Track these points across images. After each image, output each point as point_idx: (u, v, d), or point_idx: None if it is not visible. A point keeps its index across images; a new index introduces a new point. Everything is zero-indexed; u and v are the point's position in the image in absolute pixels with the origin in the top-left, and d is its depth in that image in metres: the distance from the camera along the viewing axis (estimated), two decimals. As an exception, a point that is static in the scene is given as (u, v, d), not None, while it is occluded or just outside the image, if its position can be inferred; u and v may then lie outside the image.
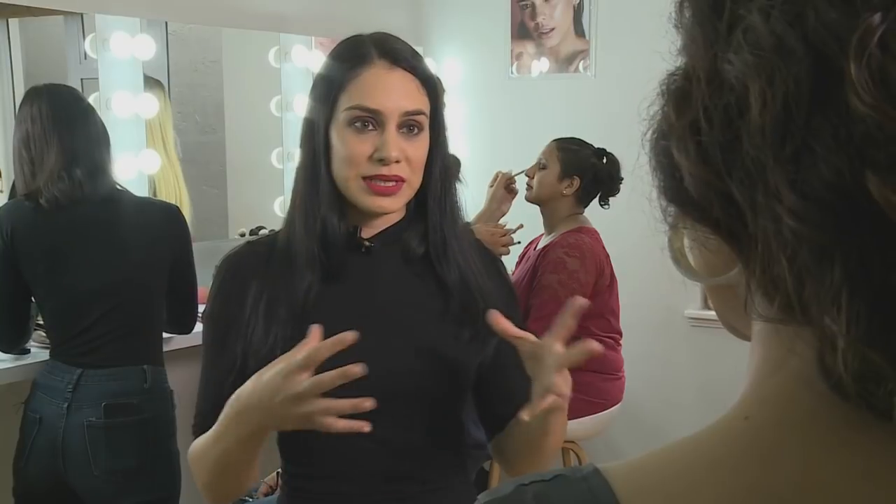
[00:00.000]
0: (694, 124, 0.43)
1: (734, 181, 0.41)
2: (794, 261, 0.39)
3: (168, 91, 3.18)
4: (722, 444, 0.46)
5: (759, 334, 0.47)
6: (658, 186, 0.47)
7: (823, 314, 0.39)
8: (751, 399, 0.47)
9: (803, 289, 0.40)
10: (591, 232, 2.95)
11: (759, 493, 0.43)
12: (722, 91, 0.41)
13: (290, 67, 3.61)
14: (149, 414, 2.23)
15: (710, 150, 0.42)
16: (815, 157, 0.38)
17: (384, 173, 1.34)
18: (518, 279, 2.96)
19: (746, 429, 0.46)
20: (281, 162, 3.71)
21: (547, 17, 3.94)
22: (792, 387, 0.44)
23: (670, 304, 3.69)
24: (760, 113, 0.39)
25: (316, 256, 1.37)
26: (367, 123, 1.35)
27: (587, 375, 2.92)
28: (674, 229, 0.49)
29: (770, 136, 0.39)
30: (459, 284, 1.42)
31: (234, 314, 1.39)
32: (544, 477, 0.48)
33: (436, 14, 4.22)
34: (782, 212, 0.39)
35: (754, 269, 0.42)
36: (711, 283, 0.50)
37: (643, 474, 0.47)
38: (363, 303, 1.41)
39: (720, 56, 0.41)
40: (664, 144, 0.45)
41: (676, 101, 0.44)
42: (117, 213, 2.25)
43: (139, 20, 3.01)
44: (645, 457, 0.48)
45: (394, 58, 1.37)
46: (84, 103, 2.33)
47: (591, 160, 2.95)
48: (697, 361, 3.68)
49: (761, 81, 0.39)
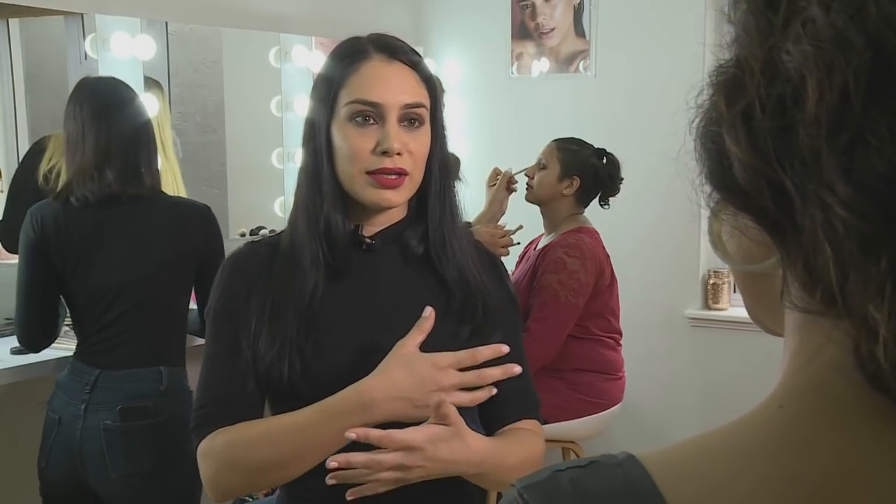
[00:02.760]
0: (746, 113, 0.43)
1: (786, 169, 0.42)
2: (840, 251, 0.40)
3: (168, 91, 3.18)
4: (757, 432, 0.46)
5: (794, 325, 0.48)
6: (704, 173, 0.48)
7: (867, 303, 0.39)
8: (785, 388, 0.47)
9: (847, 280, 0.40)
10: (591, 232, 2.94)
11: (795, 482, 0.44)
12: (776, 81, 0.42)
13: (291, 68, 3.61)
14: (165, 416, 2.20)
15: (762, 138, 0.42)
16: (869, 149, 0.38)
17: (387, 166, 1.35)
18: (518, 279, 2.96)
19: (781, 417, 0.46)
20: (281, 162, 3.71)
21: (547, 18, 3.94)
22: (826, 376, 0.45)
23: (671, 304, 3.69)
24: (817, 103, 0.40)
25: (320, 255, 1.38)
26: (368, 118, 1.36)
27: (587, 375, 2.92)
28: (715, 216, 0.49)
29: (826, 126, 0.40)
30: (459, 282, 1.43)
31: (239, 316, 1.39)
32: (580, 463, 0.49)
33: (436, 14, 4.22)
34: (833, 201, 0.39)
35: (795, 258, 0.43)
36: (748, 271, 0.50)
37: (679, 462, 0.48)
38: (367, 300, 1.41)
39: (776, 47, 0.42)
40: (714, 131, 0.46)
41: (728, 91, 0.45)
42: (144, 213, 2.23)
43: (139, 20, 3.01)
44: (679, 445, 0.49)
45: (391, 52, 1.38)
46: (122, 97, 2.29)
47: (592, 160, 2.95)
48: (698, 361, 3.68)
49: (820, 72, 0.40)
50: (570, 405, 2.89)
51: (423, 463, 1.24)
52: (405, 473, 1.25)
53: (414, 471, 1.25)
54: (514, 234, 2.88)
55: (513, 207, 3.03)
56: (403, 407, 1.28)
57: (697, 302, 3.69)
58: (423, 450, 1.24)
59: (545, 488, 0.48)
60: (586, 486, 0.47)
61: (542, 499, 0.48)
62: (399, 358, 1.29)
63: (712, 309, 3.66)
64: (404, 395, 1.27)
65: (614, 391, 2.98)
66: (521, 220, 2.98)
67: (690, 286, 3.70)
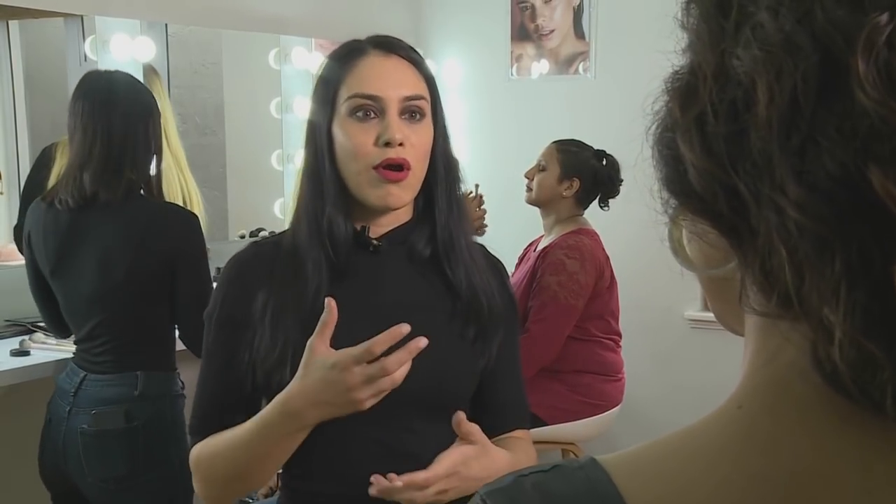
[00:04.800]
0: (699, 118, 0.44)
1: (739, 173, 0.42)
2: (795, 253, 0.40)
3: (168, 92, 3.18)
4: (718, 433, 0.47)
5: (753, 327, 0.48)
6: (660, 179, 0.48)
7: (822, 305, 0.40)
8: (744, 389, 0.48)
9: (802, 282, 0.40)
10: (590, 233, 2.95)
11: (758, 480, 0.44)
12: (728, 86, 0.42)
13: (290, 69, 3.62)
14: (139, 422, 2.16)
15: (715, 143, 0.43)
16: (820, 150, 0.39)
17: (391, 157, 1.34)
18: (518, 281, 2.96)
19: (741, 417, 0.47)
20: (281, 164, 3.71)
21: (547, 19, 3.95)
22: (784, 377, 0.45)
23: (670, 305, 3.69)
24: (767, 106, 0.40)
25: (323, 257, 1.37)
26: (368, 112, 1.35)
27: (587, 377, 2.92)
28: (674, 221, 0.50)
29: (777, 129, 0.40)
30: (466, 283, 1.43)
31: (239, 321, 1.38)
32: (543, 468, 0.49)
33: (436, 16, 4.22)
34: (786, 204, 0.40)
35: (752, 262, 0.43)
36: (708, 275, 0.50)
37: (641, 464, 0.48)
38: (372, 302, 1.40)
39: (728, 52, 0.42)
40: (669, 137, 0.46)
41: (682, 97, 0.45)
42: (116, 219, 2.15)
43: (139, 22, 3.01)
44: (641, 447, 0.49)
45: (388, 47, 1.39)
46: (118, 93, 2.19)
47: (591, 162, 2.95)
48: (697, 363, 3.68)
49: (769, 76, 0.40)
50: (569, 407, 2.89)
51: (458, 483, 1.27)
52: (443, 496, 1.27)
53: (450, 492, 1.27)
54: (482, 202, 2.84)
55: (513, 208, 3.03)
56: (328, 411, 1.26)
57: (697, 303, 3.69)
58: (458, 473, 1.27)
59: (509, 493, 0.49)
60: (549, 490, 0.48)
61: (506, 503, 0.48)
62: (309, 365, 1.25)
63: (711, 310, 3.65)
64: (321, 399, 1.24)
65: (614, 393, 2.98)
66: (520, 222, 2.98)
67: (690, 288, 3.66)
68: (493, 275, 1.49)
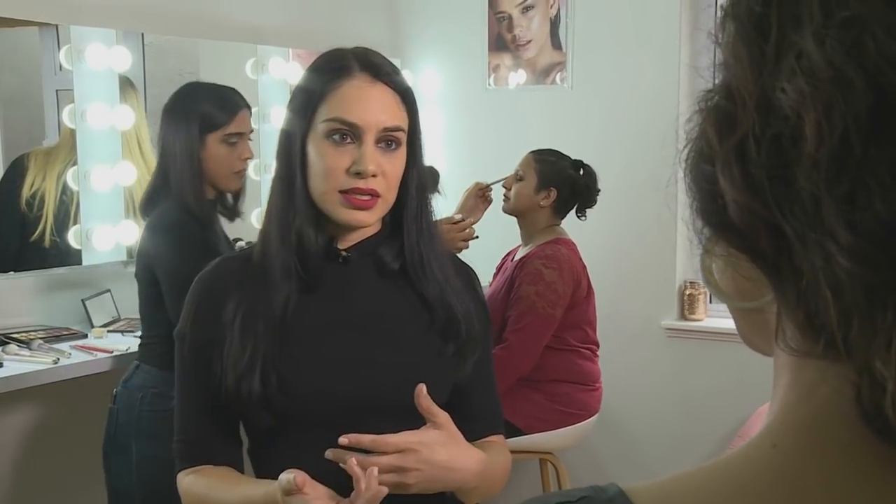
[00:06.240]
0: (739, 149, 0.41)
1: (784, 214, 0.40)
2: (843, 299, 0.38)
3: (144, 101, 3.17)
4: (749, 470, 0.45)
5: (787, 362, 0.46)
6: (696, 209, 0.46)
7: (873, 357, 0.38)
8: (778, 426, 0.46)
9: (850, 328, 0.39)
10: (568, 243, 2.95)
11: None
12: (772, 118, 0.40)
13: (268, 79, 3.60)
14: (119, 406, 2.35)
15: (759, 179, 0.41)
16: (871, 195, 0.37)
17: (360, 187, 1.34)
18: (495, 291, 2.96)
19: (774, 456, 0.45)
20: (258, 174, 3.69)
21: (524, 30, 3.96)
22: (822, 417, 0.44)
23: (647, 314, 3.71)
24: (817, 148, 0.38)
25: (292, 268, 1.37)
26: (345, 136, 1.34)
27: (564, 386, 2.93)
28: (707, 251, 0.47)
29: (826, 172, 0.38)
30: (441, 301, 1.42)
31: (209, 338, 1.38)
32: (570, 498, 0.48)
33: (413, 26, 4.23)
34: (835, 250, 0.38)
35: (793, 302, 0.41)
36: (741, 307, 0.49)
37: (670, 498, 0.47)
38: (342, 313, 1.40)
39: (770, 82, 0.40)
40: (706, 169, 0.44)
41: (719, 124, 0.43)
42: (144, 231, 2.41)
43: (115, 32, 3.00)
44: (671, 479, 0.48)
45: (375, 72, 1.37)
46: (167, 119, 2.40)
47: (568, 172, 2.96)
48: (674, 372, 3.69)
49: (818, 113, 0.38)
50: (547, 416, 2.90)
51: (419, 466, 1.25)
52: (403, 477, 1.24)
53: (411, 474, 1.25)
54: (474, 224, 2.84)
55: (491, 218, 3.03)
56: None
57: (674, 313, 3.71)
58: (418, 451, 1.25)
59: None
60: None
61: None
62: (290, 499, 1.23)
63: (689, 320, 3.68)
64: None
65: (591, 402, 2.99)
66: (498, 231, 2.98)
67: (667, 297, 3.71)
68: (467, 286, 1.49)
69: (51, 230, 2.86)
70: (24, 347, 2.52)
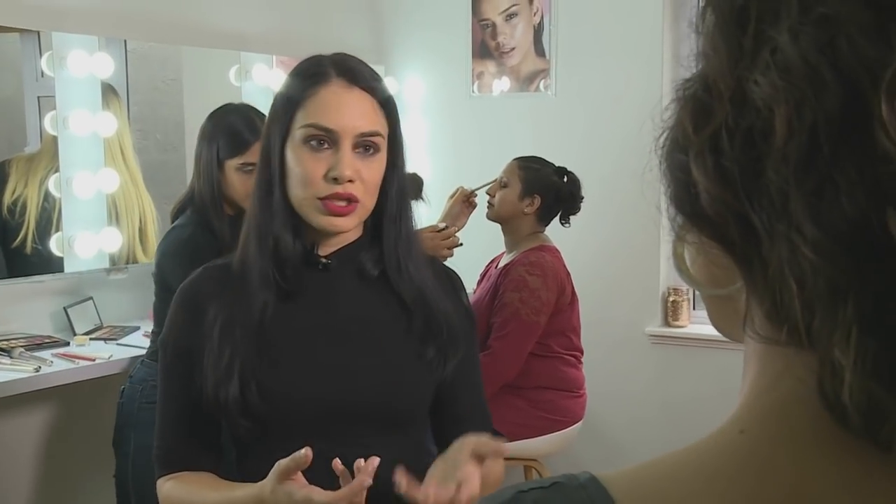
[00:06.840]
0: (713, 140, 0.42)
1: (754, 206, 0.41)
2: (806, 290, 0.39)
3: (127, 108, 3.16)
4: (719, 455, 0.46)
5: (756, 350, 0.47)
6: (669, 196, 0.47)
7: (833, 347, 0.39)
8: (746, 413, 0.47)
9: (813, 318, 0.39)
10: (552, 250, 2.96)
11: (754, 500, 0.44)
12: (745, 111, 0.41)
13: (251, 86, 3.60)
14: (124, 399, 2.47)
15: (730, 171, 0.41)
16: (838, 192, 0.37)
17: (338, 192, 1.34)
18: (479, 297, 2.96)
19: (742, 442, 0.46)
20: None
21: (507, 37, 3.97)
22: (788, 405, 0.45)
23: (631, 321, 3.72)
24: (787, 142, 0.38)
25: (271, 275, 1.37)
26: (322, 142, 1.35)
27: (548, 393, 2.93)
28: (679, 238, 0.48)
29: (794, 166, 0.39)
30: (420, 303, 1.42)
31: (190, 346, 1.38)
32: (543, 484, 0.48)
33: (397, 33, 4.23)
34: (801, 242, 0.39)
35: (761, 290, 0.42)
36: (712, 294, 0.50)
37: (641, 483, 0.48)
38: (322, 319, 1.40)
39: (745, 74, 0.41)
40: (681, 158, 0.44)
41: (695, 113, 0.44)
42: None
43: (97, 38, 2.98)
44: (640, 466, 0.49)
45: (352, 77, 1.37)
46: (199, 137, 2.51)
47: (552, 179, 2.97)
48: (658, 378, 3.70)
49: (789, 108, 0.38)
50: (531, 423, 2.90)
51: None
52: None
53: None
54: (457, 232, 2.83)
55: (475, 226, 3.03)
56: None
57: (657, 319, 3.72)
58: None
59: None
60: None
61: None
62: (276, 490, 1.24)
63: (672, 326, 3.69)
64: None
65: (575, 408, 2.99)
66: (482, 239, 2.98)
67: (650, 303, 3.72)
68: (448, 290, 1.49)
69: (32, 237, 2.85)
70: (5, 356, 2.51)
